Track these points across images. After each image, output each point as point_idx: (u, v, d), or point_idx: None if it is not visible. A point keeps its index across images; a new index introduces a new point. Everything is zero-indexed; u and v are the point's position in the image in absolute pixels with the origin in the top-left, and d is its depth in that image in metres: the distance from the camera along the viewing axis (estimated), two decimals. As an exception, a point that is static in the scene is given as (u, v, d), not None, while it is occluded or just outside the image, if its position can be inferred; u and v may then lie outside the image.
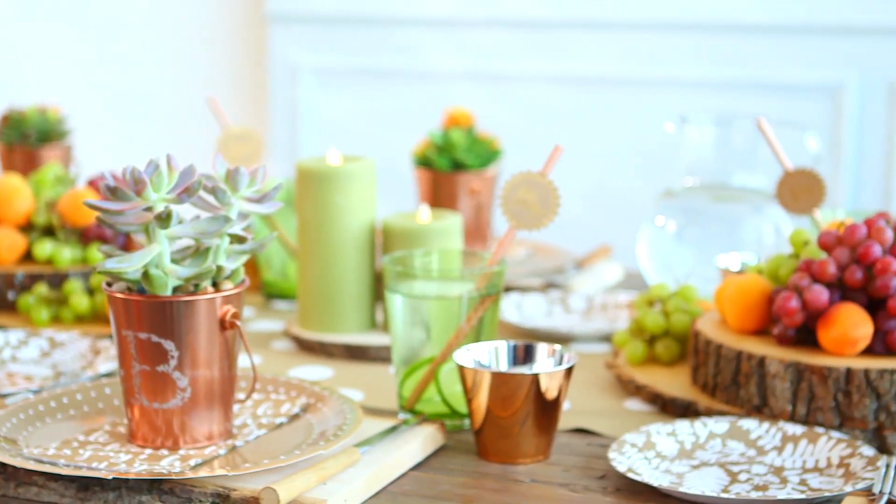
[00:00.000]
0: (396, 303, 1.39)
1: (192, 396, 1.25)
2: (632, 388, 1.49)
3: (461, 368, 1.30)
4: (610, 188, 3.42)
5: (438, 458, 1.31)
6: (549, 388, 1.28)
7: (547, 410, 1.28)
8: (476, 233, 2.07)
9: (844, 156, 3.31)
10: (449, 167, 2.05)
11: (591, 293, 1.87)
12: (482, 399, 1.28)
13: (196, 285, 1.26)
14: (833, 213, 1.76)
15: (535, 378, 1.27)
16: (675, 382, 1.49)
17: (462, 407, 1.38)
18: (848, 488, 1.18)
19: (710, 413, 1.39)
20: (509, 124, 3.29)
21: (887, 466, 1.24)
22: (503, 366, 1.35)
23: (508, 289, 1.94)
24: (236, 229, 1.26)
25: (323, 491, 1.18)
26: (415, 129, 2.87)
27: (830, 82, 3.31)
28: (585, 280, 2.00)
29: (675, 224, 1.85)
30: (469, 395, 1.30)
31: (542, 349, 1.35)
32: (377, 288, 1.67)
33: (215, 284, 1.27)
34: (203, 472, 1.19)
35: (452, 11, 3.50)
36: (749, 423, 1.34)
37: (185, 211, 1.33)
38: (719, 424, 1.34)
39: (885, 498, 1.14)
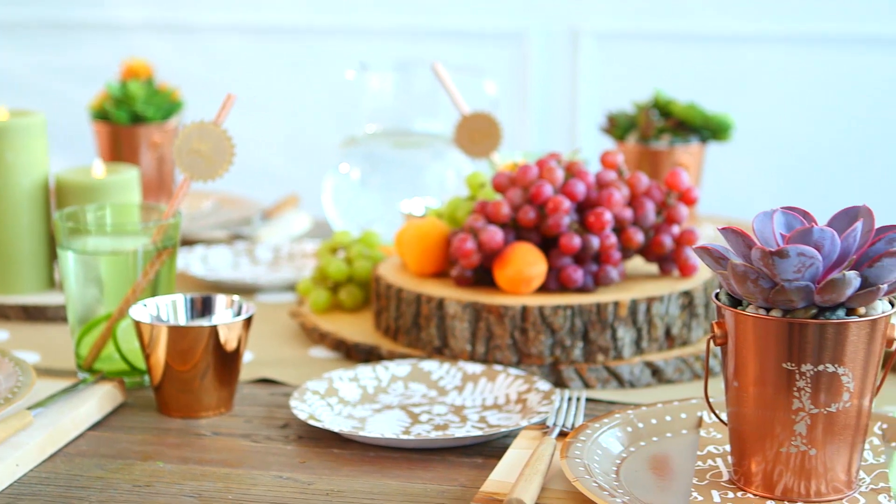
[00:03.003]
0: (69, 260, 1.35)
1: None
2: (316, 336, 1.49)
3: (137, 324, 1.27)
4: (297, 137, 3.41)
5: (118, 416, 1.28)
6: (229, 340, 1.26)
7: (227, 362, 1.27)
8: (160, 186, 2.03)
9: (531, 100, 3.39)
10: (128, 120, 2.00)
11: (278, 243, 1.86)
12: (160, 354, 1.26)
13: None
14: (511, 156, 1.80)
15: (214, 330, 1.25)
16: (358, 328, 1.50)
17: (142, 363, 1.35)
18: (524, 423, 1.21)
19: (392, 357, 1.41)
20: (192, 75, 3.24)
21: (561, 400, 1.27)
22: (181, 319, 1.32)
23: (194, 242, 1.91)
24: None
25: (-7, 457, 1.13)
26: (94, 81, 2.79)
27: (514, 29, 3.37)
28: (272, 230, 1.99)
29: (358, 171, 1.85)
30: (147, 350, 1.27)
31: (220, 301, 1.33)
32: (54, 246, 1.62)
33: None
34: None
35: (134, -39, 3.41)
36: (430, 365, 1.35)
37: None
38: (401, 367, 1.35)
39: (557, 430, 1.18)
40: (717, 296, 1.05)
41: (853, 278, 0.97)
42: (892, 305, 1.02)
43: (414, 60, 1.89)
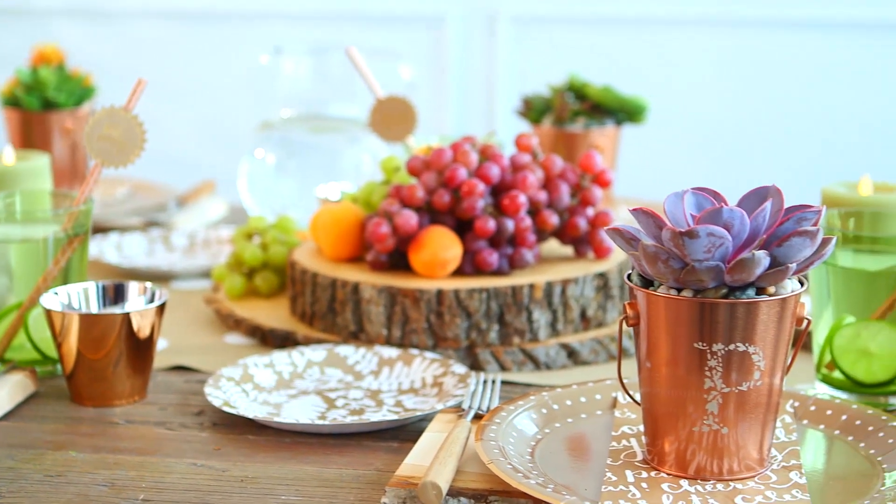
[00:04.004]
0: (-22, 248, 1.33)
1: None
2: (231, 322, 1.48)
3: (48, 312, 1.25)
4: (212, 122, 3.39)
5: (30, 406, 1.27)
6: (142, 327, 1.25)
7: (140, 350, 1.26)
8: (73, 173, 2.01)
9: (448, 84, 3.38)
10: (39, 106, 1.97)
11: (194, 230, 1.84)
12: (72, 342, 1.24)
13: None
14: (426, 140, 1.80)
15: (126, 317, 1.24)
16: (274, 314, 1.49)
17: (54, 352, 1.33)
18: (440, 406, 1.21)
19: (308, 342, 1.40)
20: (105, 61, 3.20)
21: (477, 383, 1.27)
22: (93, 307, 1.31)
23: (108, 229, 1.89)
24: None
25: None
26: (4, 67, 2.75)
27: (432, 13, 3.37)
28: (188, 217, 1.97)
29: (274, 156, 1.84)
30: (58, 339, 1.25)
31: (133, 288, 1.32)
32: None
33: None
34: None
35: (46, -55, 3.37)
36: (346, 350, 1.35)
37: None
38: (317, 353, 1.34)
39: (472, 413, 1.18)
40: (629, 277, 1.05)
41: (762, 258, 0.97)
42: (802, 284, 1.03)
43: (329, 44, 1.88)
